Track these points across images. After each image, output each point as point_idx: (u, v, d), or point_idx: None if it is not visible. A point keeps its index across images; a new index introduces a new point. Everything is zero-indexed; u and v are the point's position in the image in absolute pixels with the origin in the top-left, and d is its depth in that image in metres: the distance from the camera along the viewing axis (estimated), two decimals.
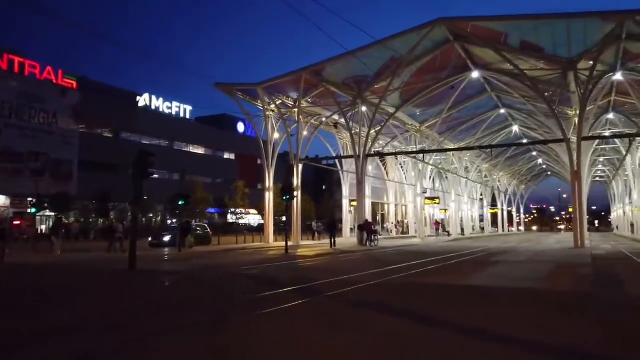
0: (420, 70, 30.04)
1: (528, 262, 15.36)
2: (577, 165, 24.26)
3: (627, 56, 25.29)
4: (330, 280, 10.45)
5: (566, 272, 12.60)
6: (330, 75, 29.40)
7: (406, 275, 11.62)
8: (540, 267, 13.89)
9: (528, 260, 16.38)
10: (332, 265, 15.28)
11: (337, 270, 12.94)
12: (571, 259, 16.73)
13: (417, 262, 15.39)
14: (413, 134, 41.03)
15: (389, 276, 11.08)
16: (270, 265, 15.18)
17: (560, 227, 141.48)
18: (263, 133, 32.36)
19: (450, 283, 10.14)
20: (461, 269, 13.65)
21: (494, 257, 18.09)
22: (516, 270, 12.90)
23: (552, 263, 14.96)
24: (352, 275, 11.42)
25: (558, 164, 67.11)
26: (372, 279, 10.52)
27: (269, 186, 31.87)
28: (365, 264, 15.03)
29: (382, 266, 13.72)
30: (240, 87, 30.68)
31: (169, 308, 7.59)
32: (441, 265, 14.49)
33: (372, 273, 12.12)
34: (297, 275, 11.96)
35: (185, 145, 68.33)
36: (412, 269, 12.77)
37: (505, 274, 12.10)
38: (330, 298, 8.15)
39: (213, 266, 14.95)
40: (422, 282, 10.34)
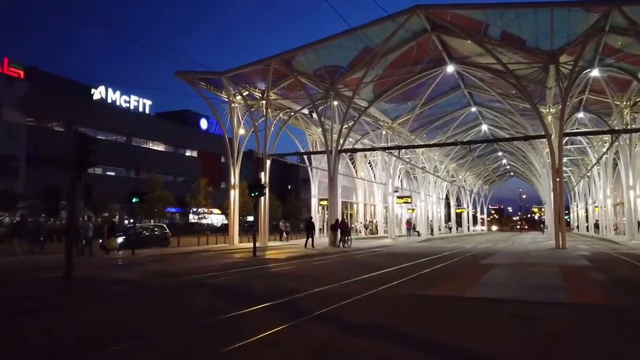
0: (395, 63, 28.63)
1: (525, 266, 13.96)
2: (559, 162, 23.32)
3: (606, 51, 24.64)
4: (314, 292, 8.63)
5: (579, 278, 11.17)
6: (301, 65, 27.55)
7: (399, 283, 9.90)
8: (543, 271, 12.46)
9: (521, 263, 15.01)
10: (309, 270, 13.44)
11: (317, 278, 11.12)
12: (566, 261, 15.52)
13: (404, 267, 13.77)
14: (385, 131, 39.68)
15: (381, 285, 9.34)
16: (238, 271, 13.16)
17: (519, 226, 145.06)
18: (228, 126, 30.14)
19: (457, 295, 8.49)
20: (457, 275, 12.05)
21: (482, 259, 16.70)
22: (521, 276, 11.38)
23: (551, 266, 13.62)
24: (338, 285, 9.63)
25: (523, 165, 67.68)
26: (362, 289, 8.75)
27: (234, 183, 29.71)
28: (346, 270, 13.26)
29: (367, 272, 12.00)
30: (203, 76, 28.38)
31: (93, 345, 5.40)
32: (431, 270, 12.88)
33: (359, 281, 10.37)
34: (272, 285, 10.05)
35: (144, 142, 64.90)
36: (402, 276, 11.09)
37: (512, 280, 10.55)
38: (322, 321, 6.31)
39: (170, 273, 12.82)
40: (424, 294, 8.62)
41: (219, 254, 21.03)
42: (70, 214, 11.50)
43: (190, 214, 60.53)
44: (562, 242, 22.44)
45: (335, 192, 27.97)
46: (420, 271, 12.25)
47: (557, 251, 20.82)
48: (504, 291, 8.87)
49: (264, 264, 14.94)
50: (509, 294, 8.50)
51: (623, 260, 16.37)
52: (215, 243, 28.70)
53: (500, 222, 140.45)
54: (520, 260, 16.11)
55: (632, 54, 24.32)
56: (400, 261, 15.30)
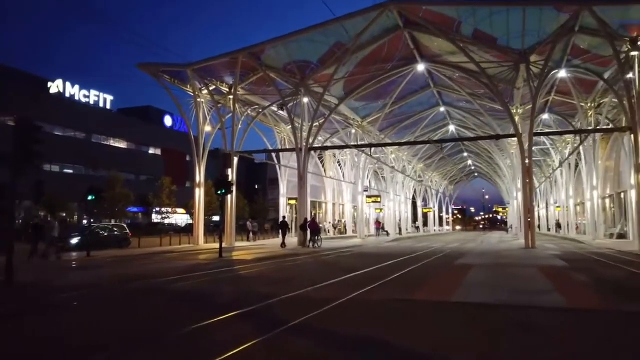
0: (366, 60, 28.13)
1: (502, 266, 13.55)
2: (528, 162, 23.31)
3: (573, 52, 24.82)
4: (287, 297, 7.85)
5: (563, 280, 10.73)
6: (271, 59, 26.66)
7: (378, 286, 9.24)
8: (524, 272, 12.03)
9: (498, 263, 14.64)
10: (280, 272, 12.63)
11: (288, 280, 10.35)
12: (542, 261, 15.29)
13: (379, 268, 13.16)
14: (354, 129, 39.18)
15: (358, 288, 8.65)
16: (203, 273, 12.20)
17: (482, 226, 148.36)
18: (193, 122, 28.93)
19: (442, 299, 7.87)
20: (436, 277, 11.49)
21: (456, 259, 16.29)
22: (504, 278, 10.91)
23: (529, 267, 13.26)
24: (312, 288, 8.88)
25: (488, 165, 68.73)
26: (339, 293, 8.03)
27: (199, 181, 28.52)
28: (319, 271, 12.55)
29: (341, 273, 11.29)
30: (167, 68, 27.08)
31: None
32: (408, 271, 12.30)
33: (334, 284, 9.67)
34: (241, 290, 9.22)
35: (104, 138, 62.48)
36: (379, 278, 10.44)
37: (496, 282, 10.04)
38: (299, 332, 5.55)
39: (127, 276, 11.75)
40: (407, 298, 7.97)
41: (182, 255, 19.94)
42: (4, 211, 10.17)
43: (153, 213, 58.56)
44: (532, 242, 22.41)
45: (304, 190, 27.22)
46: (396, 272, 11.64)
47: (528, 250, 20.73)
48: (492, 294, 8.34)
49: (230, 266, 14.03)
50: (499, 298, 7.96)
51: (595, 259, 16.29)
52: (179, 243, 27.47)
53: (463, 221, 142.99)
54: (496, 260, 15.78)
55: (600, 55, 24.57)
56: (374, 262, 14.70)
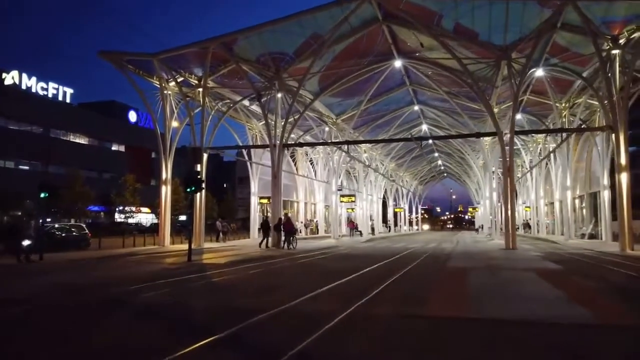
0: (343, 54, 27.10)
1: (498, 270, 12.65)
2: (510, 161, 22.77)
3: (553, 50, 24.45)
4: (274, 314, 6.63)
5: (568, 285, 9.88)
6: (244, 50, 25.25)
7: (376, 297, 8.13)
8: (523, 277, 11.18)
9: (491, 266, 13.76)
10: (259, 279, 11.38)
11: (272, 290, 9.14)
12: (533, 264, 14.61)
13: (367, 272, 12.10)
14: (328, 127, 38.14)
15: (356, 300, 7.52)
16: (172, 281, 10.79)
17: (450, 226, 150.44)
18: (160, 116, 27.22)
19: (457, 314, 6.79)
20: (435, 284, 10.44)
21: (445, 262, 15.44)
22: (507, 284, 9.95)
23: (526, 270, 12.48)
24: (301, 300, 7.70)
25: (459, 166, 68.97)
26: (335, 307, 6.89)
27: (165, 179, 26.82)
28: (303, 277, 11.38)
29: (329, 280, 10.15)
30: (131, 57, 25.29)
31: None
32: (400, 276, 11.28)
33: (325, 294, 8.52)
34: (218, 303, 7.92)
35: (64, 134, 59.37)
36: (373, 285, 9.37)
37: (504, 291, 8.98)
38: None
39: (82, 286, 10.26)
40: (417, 314, 6.85)
41: (148, 258, 18.38)
42: None
43: (116, 213, 55.96)
44: (513, 243, 21.87)
45: (279, 189, 25.95)
46: (388, 279, 10.59)
47: (512, 252, 20.12)
48: (507, 307, 7.35)
49: (202, 271, 12.67)
50: (518, 312, 6.97)
51: (583, 261, 15.77)
52: (143, 245, 25.74)
53: (430, 221, 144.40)
54: (487, 262, 14.97)
55: (579, 54, 24.30)
56: (359, 265, 13.64)
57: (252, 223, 38.43)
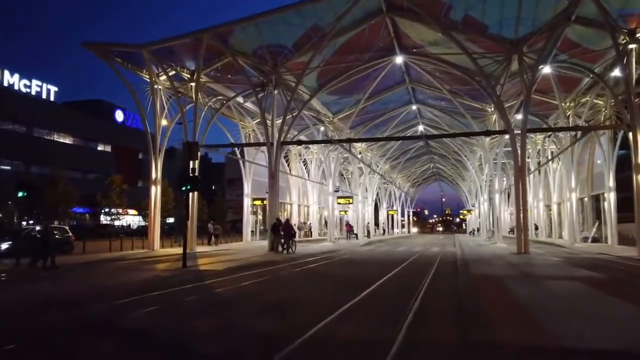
0: (343, 49, 25.84)
1: (538, 279, 11.26)
2: (522, 160, 21.62)
3: (562, 45, 23.38)
4: (303, 342, 5.22)
5: (633, 298, 8.63)
6: (240, 43, 23.82)
7: (421, 315, 6.72)
8: (573, 288, 9.84)
9: (526, 274, 12.32)
10: (268, 291, 9.95)
11: (287, 305, 7.75)
12: (565, 271, 13.40)
13: (387, 281, 10.77)
14: (323, 127, 36.85)
15: (398, 320, 6.16)
16: (167, 293, 9.33)
17: (438, 229, 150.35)
18: (149, 112, 25.69)
19: (536, 343, 5.44)
20: (479, 297, 8.91)
21: (468, 268, 14.11)
22: (562, 298, 8.51)
23: (568, 280, 11.20)
24: (329, 321, 6.30)
25: (453, 168, 67.98)
26: (379, 331, 5.55)
27: (155, 179, 25.30)
28: (318, 288, 10.03)
29: (348, 292, 8.79)
30: (119, 49, 23.73)
31: None
32: (429, 285, 9.93)
33: (354, 313, 7.17)
34: (228, 326, 6.44)
35: (47, 133, 57.28)
36: (405, 299, 8.02)
37: (566, 307, 7.53)
38: None
39: (60, 299, 8.73)
40: (490, 341, 5.50)
41: (137, 263, 16.84)
42: None
43: (102, 214, 53.93)
44: (525, 247, 20.69)
45: (276, 189, 24.52)
46: (417, 288, 9.25)
47: (527, 257, 18.91)
48: (591, 330, 5.98)
49: (200, 281, 11.20)
50: (611, 338, 5.61)
51: (611, 267, 14.58)
52: (131, 248, 24.11)
53: (419, 224, 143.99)
54: (515, 269, 13.66)
55: (590, 50, 23.32)
56: (374, 272, 12.31)
57: (245, 225, 36.87)
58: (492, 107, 33.28)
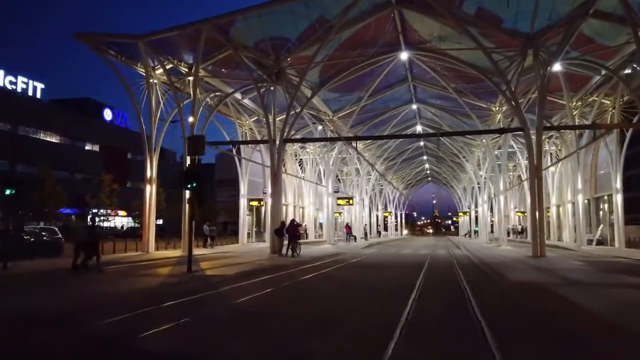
0: (347, 43, 24.83)
1: (592, 287, 10.26)
2: (537, 160, 20.73)
3: (576, 41, 22.57)
4: None
5: None
6: (241, 35, 22.65)
7: (516, 341, 5.50)
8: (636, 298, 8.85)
9: (570, 280, 11.32)
10: (300, 302, 8.59)
11: (333, 323, 6.54)
12: (610, 278, 12.32)
13: (422, 288, 9.68)
14: (324, 125, 35.76)
15: (483, 343, 5.05)
16: (177, 305, 8.06)
17: (429, 231, 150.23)
18: (144, 108, 24.38)
19: None
20: (554, 310, 7.64)
21: (498, 274, 13.04)
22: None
23: (622, 287, 10.16)
24: (399, 341, 5.16)
25: (450, 170, 67.08)
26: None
27: (150, 177, 24.00)
28: (352, 297, 8.88)
29: (389, 303, 7.73)
30: (112, 39, 22.44)
31: None
32: (475, 294, 8.82)
33: (413, 325, 6.05)
34: (278, 349, 5.20)
35: (34, 131, 55.50)
36: (461, 311, 6.97)
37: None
38: None
39: (50, 313, 7.45)
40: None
41: (134, 267, 15.56)
42: None
43: (90, 215, 52.18)
44: (542, 250, 19.79)
45: (279, 188, 23.39)
46: (465, 300, 8.14)
47: (548, 261, 17.92)
48: None
49: (213, 288, 9.96)
50: None
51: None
52: (124, 251, 22.74)
53: (409, 226, 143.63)
54: (557, 276, 12.47)
55: (604, 46, 22.56)
56: (400, 278, 11.24)
57: (241, 227, 35.61)
58: (497, 106, 32.56)
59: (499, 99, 31.82)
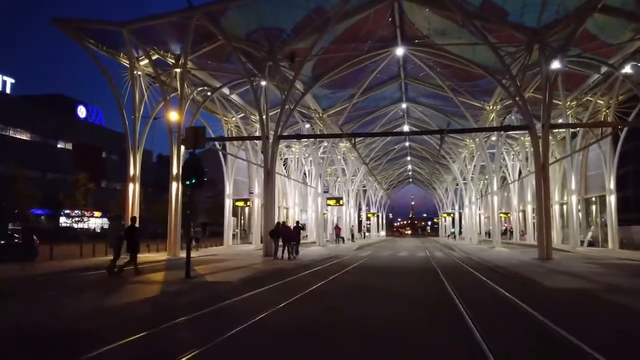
0: (344, 36, 23.77)
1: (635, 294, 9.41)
2: (544, 158, 19.99)
3: (580, 38, 21.98)
4: None
5: None
6: (233, 24, 21.27)
7: None
8: None
9: (607, 287, 10.43)
10: (333, 318, 7.13)
11: (394, 341, 5.37)
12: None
13: (461, 297, 8.58)
14: (313, 123, 34.61)
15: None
16: (195, 320, 6.74)
17: (407, 232, 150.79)
18: (128, 101, 22.81)
19: None
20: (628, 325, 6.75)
21: (525, 279, 12.07)
22: None
23: None
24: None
25: (434, 171, 66.57)
26: None
27: (134, 175, 22.41)
28: (391, 308, 7.70)
29: (444, 316, 6.54)
30: (94, 26, 20.80)
31: None
32: (522, 298, 7.77)
33: (501, 348, 4.92)
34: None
35: (2, 128, 52.58)
36: (528, 326, 5.85)
37: None
38: None
39: (22, 334, 6.04)
40: None
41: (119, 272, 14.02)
42: None
43: (62, 216, 49.68)
44: (548, 252, 19.03)
45: (272, 187, 22.09)
46: (519, 309, 7.07)
47: (559, 263, 17.13)
48: None
49: (221, 299, 8.46)
50: None
51: None
52: (105, 254, 20.99)
53: (387, 227, 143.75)
54: (593, 282, 11.51)
55: (606, 43, 22.05)
56: (423, 284, 10.12)
57: (226, 228, 34.10)
58: (491, 105, 31.96)
59: (494, 98, 31.27)
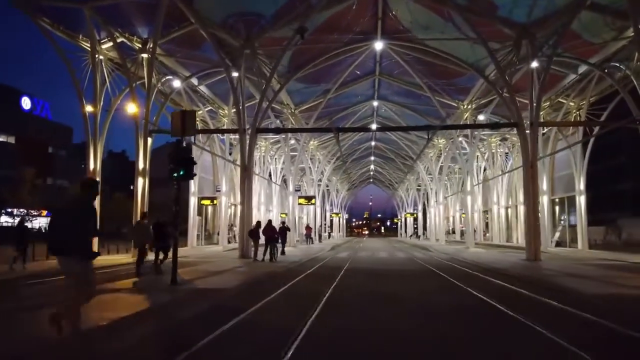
0: (324, 26, 22.59)
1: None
2: (532, 155, 19.54)
3: (565, 37, 21.74)
4: None
5: None
6: (208, 7, 19.62)
7: None
8: None
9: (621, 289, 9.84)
10: (375, 335, 5.99)
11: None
12: None
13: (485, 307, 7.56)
14: (283, 118, 33.23)
15: None
16: (210, 345, 5.35)
17: (364, 232, 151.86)
18: (87, 88, 20.68)
19: None
20: None
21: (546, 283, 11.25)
22: None
23: None
24: None
25: (399, 171, 66.46)
26: None
27: (94, 169, 20.32)
28: (413, 319, 6.58)
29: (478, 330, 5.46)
30: (51, 2, 18.55)
31: None
32: None
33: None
34: None
35: None
36: None
37: None
38: None
39: None
40: None
41: None
42: None
43: (3, 215, 45.67)
44: (537, 254, 18.57)
45: (250, 185, 20.58)
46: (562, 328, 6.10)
47: (555, 264, 16.64)
48: None
49: (232, 314, 7.00)
50: None
51: None
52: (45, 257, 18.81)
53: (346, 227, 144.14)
54: (615, 284, 10.87)
55: (589, 42, 21.98)
56: (432, 290, 9.05)
57: (190, 229, 32.15)
58: (466, 104, 31.68)
59: (469, 97, 30.98)
